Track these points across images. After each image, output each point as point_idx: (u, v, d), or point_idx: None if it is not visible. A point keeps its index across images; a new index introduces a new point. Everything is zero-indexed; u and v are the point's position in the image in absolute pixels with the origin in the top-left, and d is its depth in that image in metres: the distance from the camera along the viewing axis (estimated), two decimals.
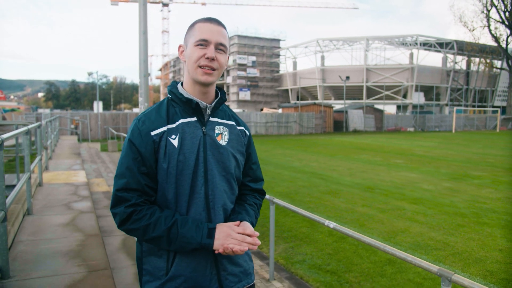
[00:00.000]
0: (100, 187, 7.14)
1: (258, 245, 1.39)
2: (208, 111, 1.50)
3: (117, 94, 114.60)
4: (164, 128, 1.42)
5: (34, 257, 3.15)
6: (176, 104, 1.48)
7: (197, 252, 1.42)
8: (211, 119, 1.50)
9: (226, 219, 1.49)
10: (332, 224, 3.45)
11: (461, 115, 47.15)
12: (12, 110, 42.24)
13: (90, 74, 45.24)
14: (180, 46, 1.52)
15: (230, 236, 1.37)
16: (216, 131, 1.49)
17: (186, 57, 1.46)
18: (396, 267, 4.88)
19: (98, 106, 36.43)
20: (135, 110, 55.70)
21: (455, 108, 44.63)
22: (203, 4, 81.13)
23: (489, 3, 48.90)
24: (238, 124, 1.60)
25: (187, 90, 1.49)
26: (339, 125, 40.12)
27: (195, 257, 1.43)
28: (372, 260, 5.11)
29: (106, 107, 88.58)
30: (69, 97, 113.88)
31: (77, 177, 7.01)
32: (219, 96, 1.56)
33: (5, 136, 2.92)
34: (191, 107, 1.46)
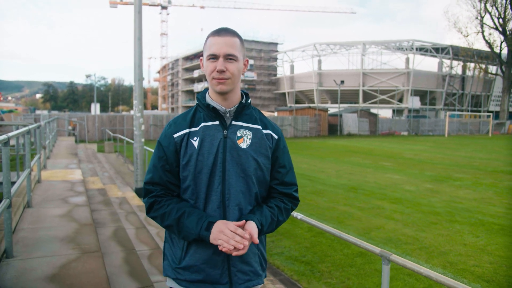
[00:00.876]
0: (95, 185, 7.55)
1: (245, 246, 1.43)
2: (228, 115, 1.60)
3: (115, 96, 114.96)
4: (186, 131, 1.58)
5: (34, 242, 3.57)
6: (201, 109, 1.63)
7: (210, 246, 1.50)
8: (233, 122, 1.60)
9: (240, 218, 1.56)
10: (299, 216, 3.88)
11: (454, 119, 47.63)
12: (10, 111, 42.44)
13: (88, 76, 45.52)
14: (201, 60, 1.65)
15: (222, 233, 1.44)
16: (238, 134, 1.58)
17: (204, 69, 1.59)
18: (366, 259, 5.31)
19: (95, 108, 36.86)
20: (133, 112, 56.21)
21: (448, 113, 45.16)
22: (202, 7, 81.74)
23: (483, 9, 49.66)
24: (266, 128, 1.65)
25: (211, 96, 1.63)
26: (334, 129, 40.61)
27: (208, 250, 1.54)
28: (345, 253, 5.54)
29: (104, 109, 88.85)
30: (67, 98, 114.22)
31: (74, 175, 7.42)
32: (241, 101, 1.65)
33: (10, 134, 3.35)
34: (212, 111, 1.60)
